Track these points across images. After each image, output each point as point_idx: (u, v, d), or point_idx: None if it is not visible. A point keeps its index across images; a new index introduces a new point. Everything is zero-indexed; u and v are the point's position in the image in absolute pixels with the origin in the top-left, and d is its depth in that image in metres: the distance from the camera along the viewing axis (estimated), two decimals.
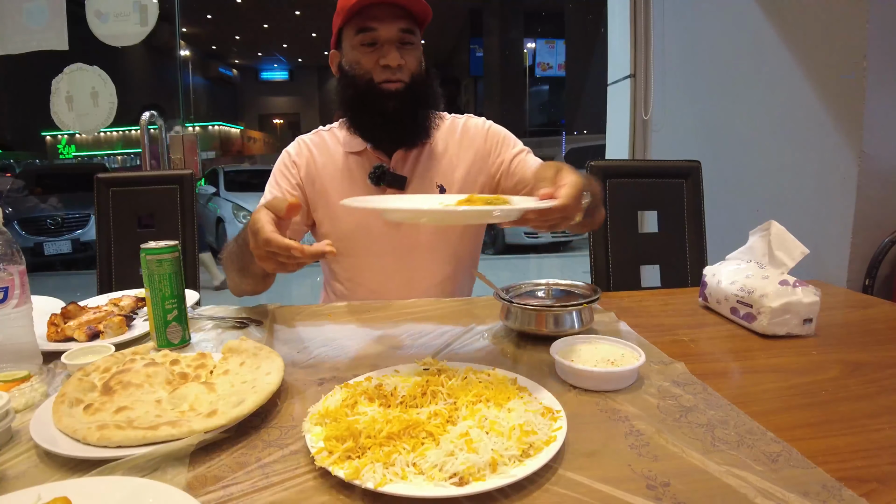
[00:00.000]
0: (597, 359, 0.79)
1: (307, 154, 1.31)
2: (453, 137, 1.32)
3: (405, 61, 1.17)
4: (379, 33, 1.15)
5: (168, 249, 0.91)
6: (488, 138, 1.33)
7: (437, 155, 1.30)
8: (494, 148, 1.32)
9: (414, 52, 1.20)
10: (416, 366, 0.79)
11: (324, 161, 1.30)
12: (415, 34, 1.19)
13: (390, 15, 1.15)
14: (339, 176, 1.28)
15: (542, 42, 13.74)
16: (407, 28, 1.17)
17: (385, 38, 1.16)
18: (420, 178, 1.28)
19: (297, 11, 14.00)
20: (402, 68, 1.17)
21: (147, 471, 0.58)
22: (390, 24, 1.15)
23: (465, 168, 1.30)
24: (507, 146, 1.32)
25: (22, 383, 0.76)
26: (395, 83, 1.17)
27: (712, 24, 2.34)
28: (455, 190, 1.29)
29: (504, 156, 1.31)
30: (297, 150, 1.32)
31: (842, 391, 0.75)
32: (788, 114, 1.87)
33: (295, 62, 21.42)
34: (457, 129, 1.33)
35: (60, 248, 6.33)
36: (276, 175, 1.31)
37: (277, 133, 22.97)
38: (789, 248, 1.01)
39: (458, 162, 1.31)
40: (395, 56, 1.15)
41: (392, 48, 1.16)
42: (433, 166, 1.29)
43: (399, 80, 1.18)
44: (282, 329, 1.04)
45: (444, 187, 1.29)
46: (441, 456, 0.55)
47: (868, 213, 1.60)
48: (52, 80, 3.01)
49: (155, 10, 2.98)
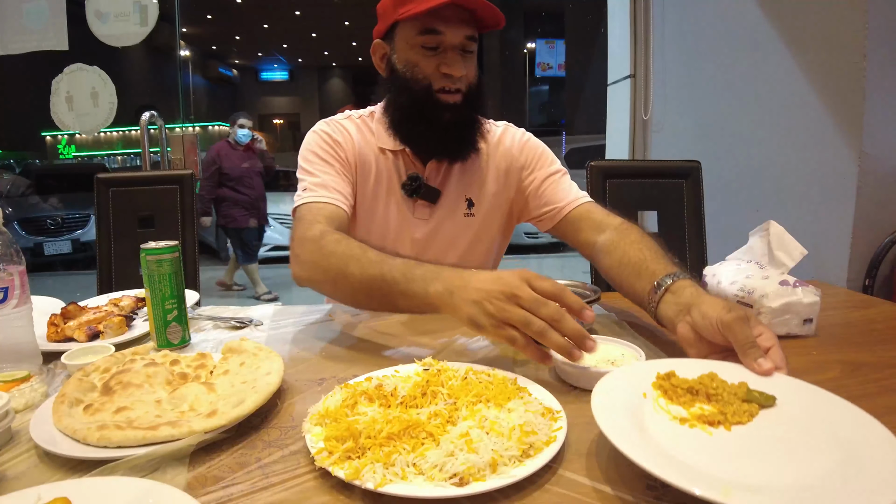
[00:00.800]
0: (597, 359, 0.79)
1: (347, 136, 1.21)
2: (488, 148, 1.26)
3: (466, 71, 1.11)
4: (445, 37, 1.08)
5: (168, 250, 0.91)
6: (524, 152, 1.26)
7: (470, 165, 1.23)
8: (528, 164, 1.26)
9: (473, 61, 1.14)
10: (416, 366, 0.79)
11: (362, 149, 1.21)
12: (476, 41, 1.12)
13: (458, 19, 1.07)
14: (376, 171, 1.21)
15: (542, 42, 13.74)
16: (471, 35, 1.10)
17: (450, 44, 1.09)
18: (450, 190, 1.23)
19: (297, 11, 14.00)
20: (463, 79, 1.11)
21: (147, 471, 0.58)
22: (457, 30, 1.08)
23: (497, 181, 1.25)
24: (541, 165, 1.25)
25: (22, 383, 0.76)
26: (454, 94, 1.11)
27: (712, 24, 2.34)
28: (484, 203, 1.24)
29: (537, 174, 1.24)
30: (334, 129, 1.21)
31: (842, 391, 0.75)
32: (788, 114, 1.87)
33: (295, 62, 21.41)
34: (493, 138, 1.27)
35: (60, 248, 6.33)
36: (318, 154, 1.17)
37: (277, 133, 22.96)
38: (789, 248, 1.00)
39: (490, 174, 1.25)
40: (460, 66, 1.09)
41: (456, 55, 1.09)
42: (465, 177, 1.23)
43: (458, 90, 1.11)
44: (282, 329, 1.04)
45: (473, 201, 1.24)
46: (441, 456, 0.55)
47: (868, 213, 1.61)
48: (52, 80, 3.01)
49: (155, 10, 2.98)
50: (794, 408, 0.61)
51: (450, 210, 1.23)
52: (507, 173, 1.26)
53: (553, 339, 0.71)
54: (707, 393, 0.63)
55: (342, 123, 1.23)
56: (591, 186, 1.61)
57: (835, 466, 0.50)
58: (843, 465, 0.50)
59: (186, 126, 9.89)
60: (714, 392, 0.63)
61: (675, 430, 0.58)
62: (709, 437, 0.57)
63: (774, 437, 0.56)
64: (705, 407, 0.62)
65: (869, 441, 0.54)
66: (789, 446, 0.54)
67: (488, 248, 1.28)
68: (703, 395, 0.63)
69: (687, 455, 0.53)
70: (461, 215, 1.24)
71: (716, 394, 0.63)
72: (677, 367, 0.69)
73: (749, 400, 0.62)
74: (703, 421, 0.59)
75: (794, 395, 0.64)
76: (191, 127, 11.65)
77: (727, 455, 0.53)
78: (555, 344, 0.71)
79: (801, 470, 0.50)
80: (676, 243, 1.64)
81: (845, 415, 0.59)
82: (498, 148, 1.27)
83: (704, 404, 0.62)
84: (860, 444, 0.53)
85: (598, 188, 1.61)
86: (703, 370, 0.68)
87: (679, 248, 1.64)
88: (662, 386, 0.65)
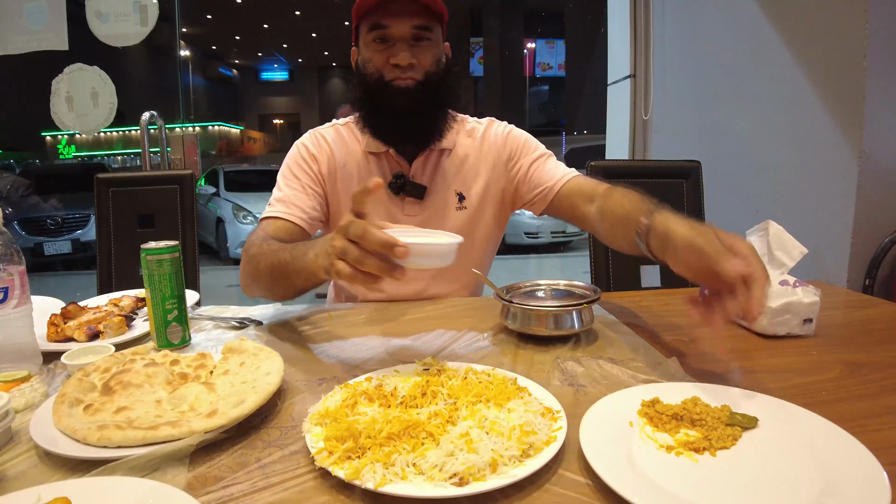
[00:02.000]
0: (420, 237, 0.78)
1: (327, 149, 1.27)
2: (474, 144, 1.30)
3: (418, 60, 1.14)
4: (391, 31, 1.13)
5: (168, 250, 0.91)
6: (508, 143, 1.30)
7: (457, 162, 1.27)
8: (513, 154, 1.29)
9: (430, 50, 1.16)
10: (416, 366, 0.79)
11: (343, 158, 1.26)
12: (431, 30, 1.16)
13: (405, 12, 1.12)
14: (358, 177, 1.25)
15: (542, 42, 13.75)
16: (422, 25, 1.14)
17: (397, 36, 1.13)
18: (439, 186, 1.26)
19: (297, 11, 14.01)
20: (415, 67, 1.14)
21: (147, 471, 0.58)
22: (403, 22, 1.12)
23: (485, 176, 1.28)
24: (525, 152, 1.29)
25: (22, 383, 0.76)
26: (406, 80, 1.14)
27: (712, 25, 2.34)
28: (474, 196, 1.27)
29: (522, 162, 1.28)
30: (315, 143, 1.27)
31: (842, 391, 0.75)
32: (788, 114, 1.87)
33: (295, 62, 21.44)
34: (477, 134, 1.31)
35: (60, 248, 6.33)
36: (291, 168, 1.25)
37: (277, 133, 22.97)
38: (788, 248, 1.00)
39: (478, 169, 1.28)
40: (406, 55, 1.12)
41: (404, 46, 1.13)
42: (453, 173, 1.27)
43: (410, 77, 1.14)
44: (282, 329, 1.04)
45: (463, 194, 1.27)
46: (441, 456, 0.55)
47: (868, 213, 1.61)
48: (52, 80, 3.01)
49: (155, 10, 2.98)
50: (776, 429, 0.63)
51: (441, 205, 1.26)
52: (494, 166, 1.29)
53: (369, 263, 0.72)
54: (691, 418, 0.65)
55: (324, 135, 1.29)
56: None
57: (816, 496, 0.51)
58: (823, 495, 0.52)
59: (186, 126, 9.90)
60: (698, 417, 0.65)
61: (662, 459, 0.59)
62: (695, 464, 0.58)
63: (758, 463, 0.58)
64: (690, 433, 0.63)
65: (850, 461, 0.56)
66: (772, 473, 0.56)
67: (483, 238, 1.31)
68: (688, 421, 0.65)
69: (675, 485, 0.54)
70: (453, 209, 1.27)
71: (700, 419, 0.64)
72: (661, 393, 0.70)
73: (732, 423, 0.63)
74: (689, 448, 0.60)
75: (776, 415, 0.65)
76: (191, 127, 11.66)
77: (713, 484, 0.55)
78: (372, 267, 0.72)
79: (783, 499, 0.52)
80: None
81: (824, 434, 0.61)
82: (483, 143, 1.30)
83: (689, 430, 0.64)
84: (840, 465, 0.55)
85: None
86: (686, 395, 0.69)
87: None
88: (648, 413, 0.66)
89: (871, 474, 0.53)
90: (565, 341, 0.94)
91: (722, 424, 0.63)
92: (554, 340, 0.94)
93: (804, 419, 0.64)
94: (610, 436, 0.61)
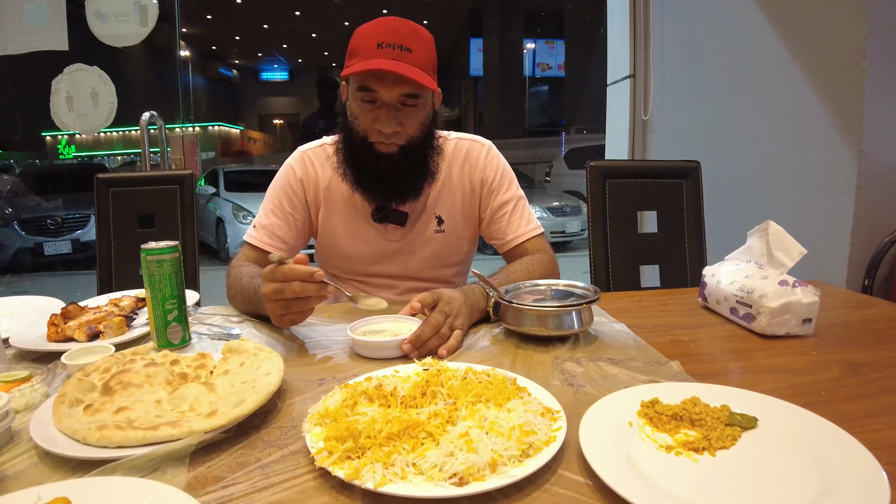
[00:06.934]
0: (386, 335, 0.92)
1: (313, 174, 1.28)
2: (455, 164, 1.30)
3: (403, 126, 1.14)
4: (379, 95, 1.12)
5: (168, 250, 0.91)
6: (486, 170, 1.31)
7: (438, 186, 1.29)
8: (487, 184, 1.31)
9: (416, 115, 1.16)
10: (416, 366, 0.79)
11: (329, 182, 1.28)
12: (420, 96, 1.14)
13: (394, 79, 1.09)
14: (345, 205, 1.28)
15: (542, 42, 13.74)
16: (410, 93, 1.12)
17: (385, 101, 1.12)
18: (420, 212, 1.29)
19: (297, 11, 14.00)
20: (399, 133, 1.14)
21: (147, 471, 0.58)
22: (391, 89, 1.11)
23: (463, 199, 1.31)
24: (498, 191, 1.30)
25: (22, 384, 0.76)
26: (389, 146, 1.15)
27: (712, 25, 2.34)
28: (452, 220, 1.30)
29: (492, 201, 1.31)
30: (303, 168, 1.29)
31: (841, 391, 0.75)
32: (788, 114, 1.87)
33: (295, 62, 21.41)
34: (460, 154, 1.31)
35: (60, 249, 6.32)
36: (278, 193, 1.28)
37: (277, 133, 22.95)
38: (788, 248, 1.01)
39: (457, 191, 1.30)
40: (391, 123, 1.12)
41: (390, 113, 1.12)
42: (433, 199, 1.29)
43: (394, 143, 1.15)
44: (282, 329, 1.04)
45: (442, 218, 1.29)
46: (441, 456, 0.55)
47: (867, 213, 1.61)
48: (52, 80, 3.01)
49: (155, 11, 2.98)
50: (775, 429, 0.63)
51: (421, 230, 1.30)
52: (471, 191, 1.32)
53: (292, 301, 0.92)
54: (691, 418, 0.65)
55: (311, 158, 1.30)
56: (590, 187, 1.61)
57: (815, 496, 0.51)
58: (822, 495, 0.52)
59: (186, 126, 9.88)
60: (697, 417, 0.65)
61: (661, 459, 0.59)
62: (694, 464, 0.58)
63: (757, 463, 0.58)
64: (690, 433, 0.63)
65: (849, 461, 0.56)
66: (772, 473, 0.56)
67: (458, 255, 1.36)
68: (688, 421, 0.65)
69: (674, 486, 0.54)
70: (432, 232, 1.30)
71: (699, 419, 0.64)
72: (660, 393, 0.70)
73: (732, 423, 0.63)
74: (688, 448, 0.60)
75: (775, 415, 0.65)
76: (191, 127, 11.65)
77: (712, 484, 0.55)
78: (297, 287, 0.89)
79: (783, 499, 0.52)
80: (676, 243, 1.64)
81: (823, 434, 0.61)
82: (465, 163, 1.31)
83: (689, 430, 0.64)
84: (839, 465, 0.55)
85: (598, 188, 1.61)
86: (685, 395, 0.69)
87: (679, 248, 1.64)
88: (647, 414, 0.67)
89: (870, 474, 0.53)
90: (565, 341, 0.94)
91: (721, 424, 0.63)
92: (553, 340, 0.94)
93: (804, 419, 0.64)
94: (609, 436, 0.61)
